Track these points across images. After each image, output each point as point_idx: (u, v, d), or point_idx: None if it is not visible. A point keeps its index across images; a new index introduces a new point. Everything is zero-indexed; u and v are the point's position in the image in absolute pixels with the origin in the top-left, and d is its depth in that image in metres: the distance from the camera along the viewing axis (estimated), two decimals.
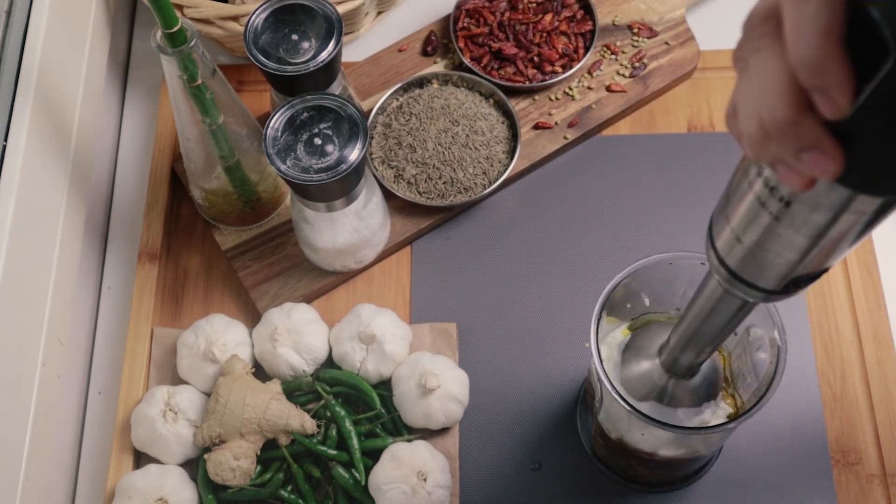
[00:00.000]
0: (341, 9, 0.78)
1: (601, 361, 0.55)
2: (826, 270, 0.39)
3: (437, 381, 0.70)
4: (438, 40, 0.86)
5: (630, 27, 0.86)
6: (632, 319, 0.61)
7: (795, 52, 0.28)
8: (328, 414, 0.71)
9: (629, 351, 0.59)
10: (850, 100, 0.27)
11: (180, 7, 0.76)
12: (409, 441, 0.70)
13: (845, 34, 0.27)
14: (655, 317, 0.61)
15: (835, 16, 0.27)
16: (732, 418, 0.58)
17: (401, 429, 0.72)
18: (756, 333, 0.58)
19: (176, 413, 0.70)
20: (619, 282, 0.57)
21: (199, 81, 0.64)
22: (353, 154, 0.64)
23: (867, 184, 0.31)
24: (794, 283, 0.40)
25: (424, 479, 0.67)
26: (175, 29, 0.60)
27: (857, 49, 0.27)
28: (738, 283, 0.41)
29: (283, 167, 0.64)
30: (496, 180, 0.79)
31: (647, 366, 0.58)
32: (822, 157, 0.29)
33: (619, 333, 0.61)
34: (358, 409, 0.73)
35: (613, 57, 0.85)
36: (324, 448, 0.70)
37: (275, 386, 0.71)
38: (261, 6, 0.68)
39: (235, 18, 0.77)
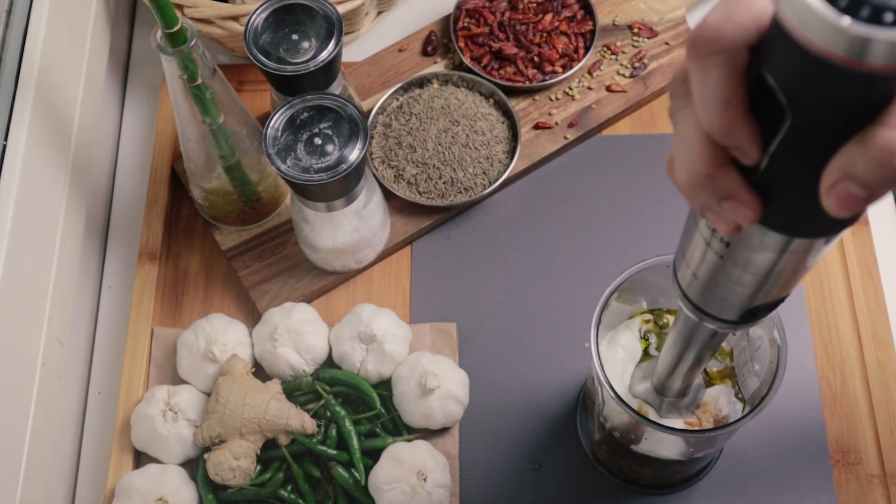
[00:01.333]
0: (341, 9, 0.78)
1: (601, 365, 0.55)
2: (784, 299, 0.40)
3: (437, 381, 0.70)
4: (438, 40, 0.86)
5: (630, 27, 0.86)
6: (648, 312, 0.61)
7: (702, 118, 0.30)
8: (328, 414, 0.71)
9: (638, 368, 0.60)
10: (759, 151, 0.30)
11: (180, 7, 0.76)
12: (409, 441, 0.70)
13: (748, 96, 0.29)
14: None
15: (733, 85, 0.29)
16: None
17: (401, 429, 0.72)
18: (756, 333, 0.58)
19: (176, 413, 0.70)
20: (618, 286, 0.57)
21: (200, 81, 0.64)
22: (353, 154, 0.64)
23: (791, 227, 0.33)
24: (752, 314, 0.41)
25: (424, 479, 0.67)
26: (175, 29, 0.60)
27: (763, 106, 0.29)
28: (702, 315, 0.43)
29: (283, 167, 0.64)
30: (496, 180, 0.79)
31: (643, 386, 0.58)
32: (739, 206, 0.31)
33: (629, 332, 0.61)
34: (358, 409, 0.73)
35: (613, 57, 0.85)
36: (324, 448, 0.70)
37: (275, 386, 0.71)
38: (261, 6, 0.68)
39: (235, 18, 0.77)
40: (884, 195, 0.28)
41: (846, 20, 0.24)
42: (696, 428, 0.59)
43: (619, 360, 0.60)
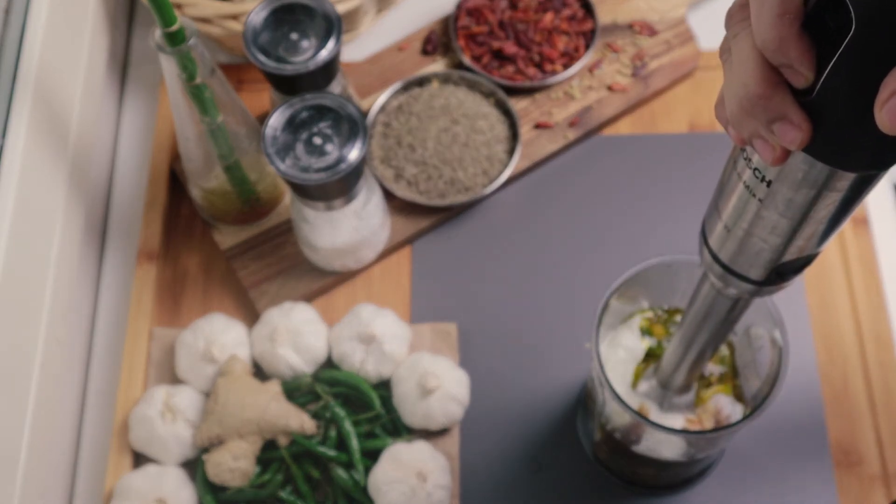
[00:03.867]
0: (341, 8, 0.78)
1: (602, 366, 0.55)
2: (811, 260, 0.41)
3: (436, 382, 0.69)
4: (438, 39, 0.86)
5: (631, 26, 0.85)
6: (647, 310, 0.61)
7: (757, 34, 0.31)
8: (328, 414, 0.71)
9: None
10: (812, 71, 0.30)
11: (179, 6, 0.76)
12: (409, 441, 0.70)
13: (805, 12, 0.30)
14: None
15: None
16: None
17: (400, 429, 0.72)
18: (757, 333, 0.58)
19: (175, 413, 0.70)
20: (619, 287, 0.57)
21: (199, 80, 0.64)
22: (353, 153, 0.64)
23: (838, 157, 0.33)
24: (779, 273, 0.41)
25: (424, 480, 0.67)
26: (174, 28, 0.60)
27: (823, 24, 0.29)
28: (730, 276, 0.43)
29: (282, 166, 0.64)
30: (496, 180, 0.79)
31: (646, 385, 0.58)
32: (790, 128, 0.32)
33: (630, 332, 0.60)
34: (358, 410, 0.72)
35: (614, 56, 0.84)
36: (323, 449, 0.70)
37: (274, 386, 0.71)
38: (260, 5, 0.68)
39: (235, 17, 0.76)
40: None
41: None
42: (697, 429, 0.59)
43: (621, 361, 0.60)
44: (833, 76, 0.30)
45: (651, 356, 0.61)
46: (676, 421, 0.59)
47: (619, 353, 0.60)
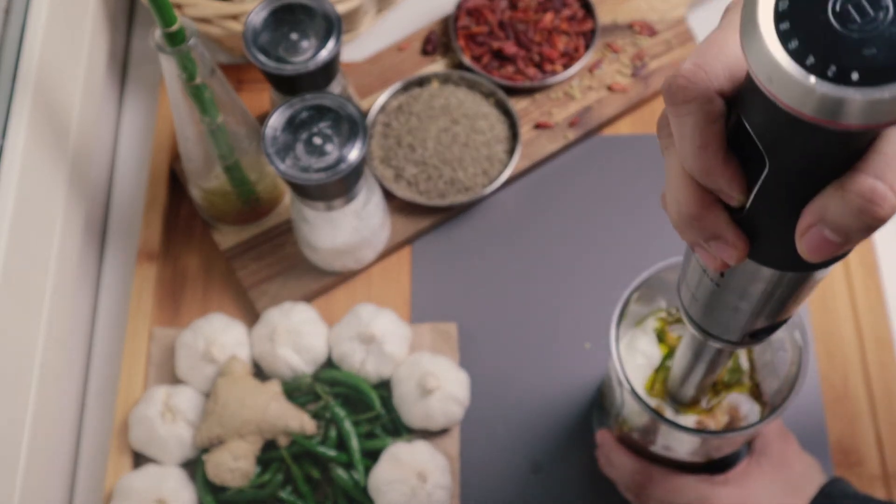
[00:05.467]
0: (341, 8, 0.77)
1: (622, 366, 0.55)
2: (785, 321, 0.41)
3: (436, 382, 0.69)
4: (438, 39, 0.86)
5: (631, 26, 0.85)
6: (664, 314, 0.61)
7: (683, 162, 0.31)
8: (328, 415, 0.71)
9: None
10: (743, 193, 0.30)
11: (179, 6, 0.76)
12: (409, 442, 0.70)
13: (732, 138, 0.29)
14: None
15: (708, 131, 0.29)
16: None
17: (400, 429, 0.72)
18: (777, 335, 0.57)
19: (175, 413, 0.70)
20: (639, 286, 0.57)
21: (199, 80, 0.64)
22: (353, 153, 0.64)
23: (779, 262, 0.33)
24: (753, 336, 0.41)
25: (424, 480, 0.67)
26: (174, 28, 0.60)
27: (745, 149, 0.29)
28: (705, 335, 0.43)
29: (282, 167, 0.64)
30: (496, 180, 0.79)
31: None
32: (724, 246, 0.32)
33: (646, 336, 0.60)
34: (358, 410, 0.72)
35: (614, 56, 0.84)
36: (323, 449, 0.70)
37: (274, 386, 0.71)
38: (260, 5, 0.68)
39: (235, 17, 0.76)
40: (858, 242, 0.28)
41: (813, 79, 0.24)
42: (713, 429, 0.58)
43: (639, 367, 0.59)
44: (758, 200, 0.30)
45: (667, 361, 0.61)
46: (690, 420, 0.59)
47: (637, 359, 0.60)
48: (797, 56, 0.24)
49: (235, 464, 0.68)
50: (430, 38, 0.85)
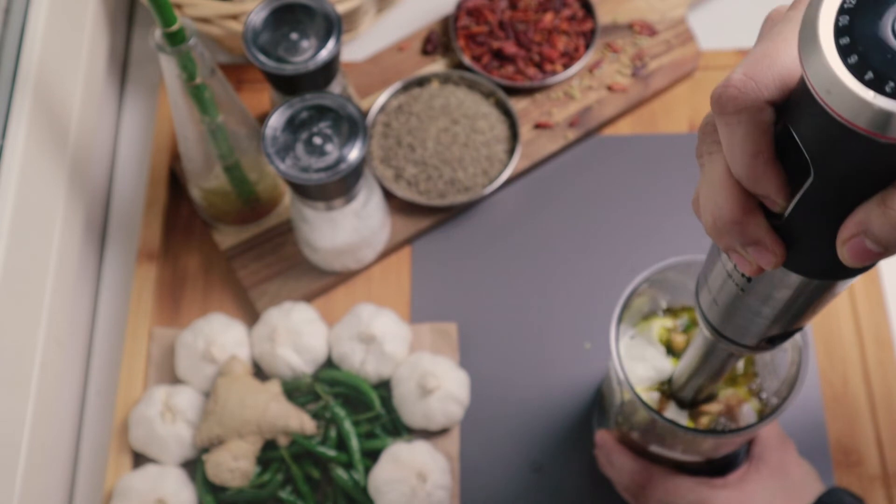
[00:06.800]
0: (341, 8, 0.77)
1: (622, 365, 0.55)
2: (800, 329, 0.41)
3: (436, 382, 0.69)
4: (438, 39, 0.86)
5: (631, 26, 0.85)
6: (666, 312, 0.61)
7: (733, 168, 0.31)
8: (328, 415, 0.71)
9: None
10: (786, 200, 0.31)
11: (179, 6, 0.76)
12: (409, 442, 0.70)
13: (777, 145, 0.30)
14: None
15: (761, 139, 0.30)
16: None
17: (400, 430, 0.72)
18: None
19: (174, 413, 0.70)
20: (639, 284, 0.57)
21: (198, 80, 0.64)
22: (353, 153, 0.64)
23: (812, 271, 0.34)
24: (769, 341, 0.42)
25: (424, 480, 0.67)
26: (174, 28, 0.60)
27: (790, 157, 0.30)
28: (720, 338, 0.44)
29: (282, 166, 0.64)
30: (496, 180, 0.79)
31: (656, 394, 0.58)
32: (763, 252, 0.33)
33: (653, 349, 0.60)
34: (357, 410, 0.72)
35: (614, 56, 0.84)
36: (323, 449, 0.70)
37: (274, 386, 0.71)
38: (260, 5, 0.68)
39: (235, 17, 0.76)
40: None
41: (871, 94, 0.25)
42: (712, 428, 0.58)
43: (646, 378, 0.59)
44: (799, 208, 0.31)
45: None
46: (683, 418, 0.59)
47: (646, 371, 0.60)
48: (856, 71, 0.25)
49: (235, 464, 0.68)
50: (430, 38, 0.85)
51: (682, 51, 0.84)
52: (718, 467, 0.66)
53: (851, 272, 0.34)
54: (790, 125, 0.29)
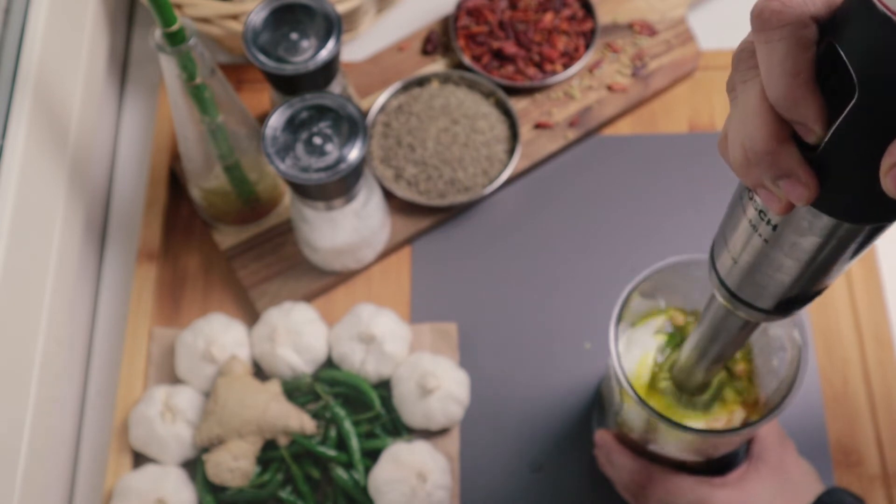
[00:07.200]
0: (341, 8, 0.77)
1: (621, 365, 0.55)
2: (820, 292, 0.40)
3: (436, 382, 0.69)
4: (438, 39, 0.86)
5: (631, 26, 0.85)
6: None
7: (769, 90, 0.30)
8: (328, 415, 0.71)
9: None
10: (824, 129, 0.29)
11: (179, 6, 0.76)
12: (409, 442, 0.70)
13: (816, 69, 0.29)
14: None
15: (802, 57, 0.28)
16: (748, 421, 0.58)
17: (400, 429, 0.72)
18: (776, 332, 0.57)
19: (175, 413, 0.70)
20: (638, 284, 0.57)
21: (198, 80, 0.64)
22: (353, 153, 0.64)
23: (844, 211, 0.32)
24: (789, 304, 0.41)
25: (424, 480, 0.67)
26: (174, 28, 0.60)
27: (829, 83, 0.29)
28: (737, 302, 0.43)
29: (282, 166, 0.64)
30: (496, 180, 0.79)
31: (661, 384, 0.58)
32: (796, 185, 0.31)
33: (647, 334, 0.60)
34: (357, 410, 0.72)
35: (614, 56, 0.84)
36: (323, 449, 0.70)
37: (274, 386, 0.71)
38: (260, 5, 0.68)
39: (235, 17, 0.76)
40: None
41: None
42: (716, 428, 0.58)
43: (637, 361, 0.59)
44: (838, 135, 0.29)
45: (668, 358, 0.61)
46: (689, 420, 0.59)
47: (635, 353, 0.60)
48: None
49: (235, 464, 0.68)
50: (430, 38, 0.85)
51: (682, 51, 0.84)
52: (718, 467, 0.66)
53: (883, 215, 0.32)
54: (835, 42, 0.28)
